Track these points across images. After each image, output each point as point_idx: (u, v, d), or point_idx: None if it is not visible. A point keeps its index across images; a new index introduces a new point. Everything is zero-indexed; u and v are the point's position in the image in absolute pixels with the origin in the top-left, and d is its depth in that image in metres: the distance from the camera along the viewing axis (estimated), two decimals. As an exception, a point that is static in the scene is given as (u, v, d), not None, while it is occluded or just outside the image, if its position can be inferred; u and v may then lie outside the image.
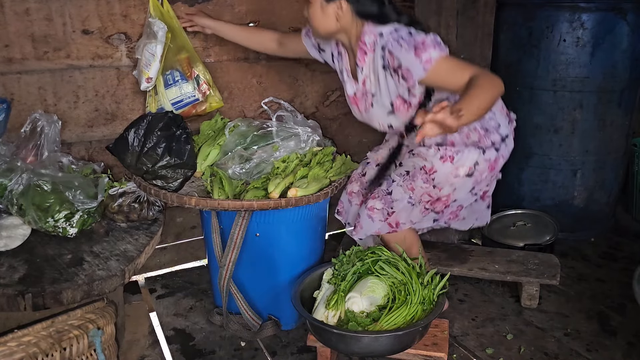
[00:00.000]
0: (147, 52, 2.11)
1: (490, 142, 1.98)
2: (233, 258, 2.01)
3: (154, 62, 2.12)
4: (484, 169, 1.98)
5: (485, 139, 1.97)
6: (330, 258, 2.10)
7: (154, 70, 2.14)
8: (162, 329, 2.21)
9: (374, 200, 1.98)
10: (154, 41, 2.10)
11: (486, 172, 1.98)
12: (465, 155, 1.95)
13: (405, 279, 1.91)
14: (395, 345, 1.81)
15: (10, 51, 2.06)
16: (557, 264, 2.43)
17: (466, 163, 1.95)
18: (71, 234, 1.87)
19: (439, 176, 1.96)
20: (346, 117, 2.81)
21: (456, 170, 1.96)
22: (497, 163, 2.00)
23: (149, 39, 2.11)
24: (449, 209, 2.05)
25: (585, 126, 2.77)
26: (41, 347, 1.33)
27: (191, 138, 2.06)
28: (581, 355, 2.08)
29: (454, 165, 1.95)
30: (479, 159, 1.96)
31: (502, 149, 2.00)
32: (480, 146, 1.96)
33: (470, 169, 1.96)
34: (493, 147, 1.98)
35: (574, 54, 2.66)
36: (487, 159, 1.97)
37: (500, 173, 2.09)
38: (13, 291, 1.56)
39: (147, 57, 2.11)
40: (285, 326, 2.20)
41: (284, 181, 1.95)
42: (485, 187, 2.06)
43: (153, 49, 2.10)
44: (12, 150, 2.00)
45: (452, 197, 2.01)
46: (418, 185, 1.97)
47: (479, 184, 2.01)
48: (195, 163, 2.05)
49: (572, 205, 2.91)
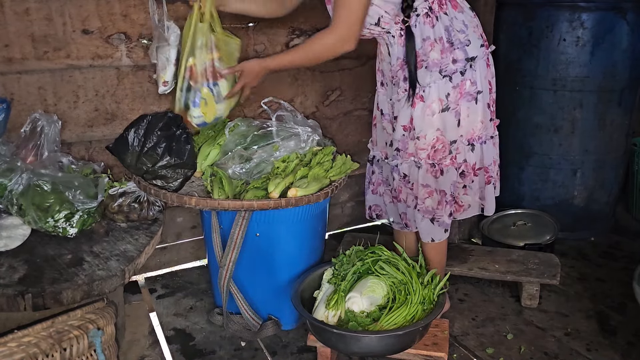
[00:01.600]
0: (162, 57, 2.13)
1: (452, 60, 1.89)
2: (233, 258, 2.01)
3: (169, 66, 2.13)
4: (456, 96, 1.92)
5: (447, 55, 1.89)
6: (330, 258, 2.11)
7: (169, 74, 2.15)
8: (162, 329, 2.21)
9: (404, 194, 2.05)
10: (167, 45, 2.11)
11: (459, 99, 1.92)
12: (433, 90, 1.90)
13: (405, 278, 1.91)
14: (395, 345, 1.82)
15: (10, 51, 2.05)
16: (557, 263, 2.43)
17: (435, 97, 1.90)
18: (71, 234, 1.87)
19: (417, 122, 1.93)
20: (346, 117, 2.81)
21: (429, 109, 1.91)
22: (464, 86, 1.91)
23: (160, 42, 2.11)
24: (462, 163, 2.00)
25: (585, 126, 2.77)
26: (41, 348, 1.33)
27: (191, 138, 2.06)
28: (581, 355, 2.08)
29: (426, 104, 1.91)
30: (448, 89, 1.91)
31: (468, 72, 1.91)
32: (445, 74, 1.89)
33: (442, 101, 1.91)
34: (458, 71, 1.90)
35: (574, 53, 2.66)
36: (454, 86, 1.91)
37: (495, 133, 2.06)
38: (13, 291, 1.56)
39: (163, 61, 2.13)
40: (285, 326, 2.20)
41: (284, 181, 1.95)
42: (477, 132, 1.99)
43: (167, 52, 2.12)
44: (12, 150, 1.99)
45: (446, 139, 1.95)
46: (410, 147, 1.98)
47: (463, 117, 1.94)
48: (195, 163, 2.05)
49: (572, 204, 2.91)
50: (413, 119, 1.93)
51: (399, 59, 1.93)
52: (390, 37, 1.93)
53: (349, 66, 2.73)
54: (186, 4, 2.26)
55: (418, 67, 1.89)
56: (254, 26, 2.43)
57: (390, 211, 2.22)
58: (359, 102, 2.83)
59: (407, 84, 1.92)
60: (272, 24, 2.46)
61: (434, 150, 1.96)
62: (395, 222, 2.20)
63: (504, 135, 2.90)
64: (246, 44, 2.45)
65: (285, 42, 2.54)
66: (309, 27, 2.54)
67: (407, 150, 1.99)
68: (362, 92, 2.83)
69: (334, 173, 2.07)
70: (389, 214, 2.23)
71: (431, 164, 1.98)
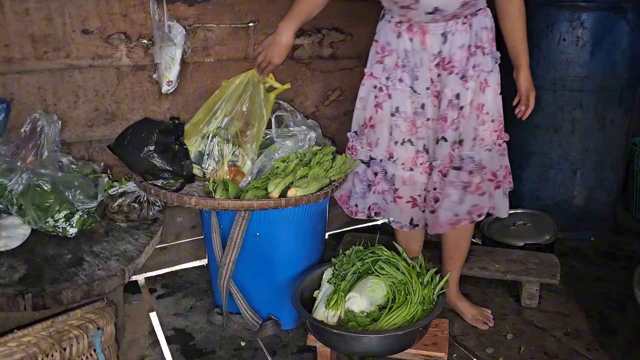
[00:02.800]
0: (166, 56, 2.15)
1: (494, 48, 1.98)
2: (233, 258, 2.01)
3: (174, 66, 2.16)
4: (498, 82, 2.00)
5: (492, 44, 1.97)
6: (330, 258, 2.10)
7: (174, 74, 2.18)
8: (162, 329, 2.21)
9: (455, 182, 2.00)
10: (173, 44, 2.12)
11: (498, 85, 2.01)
12: (494, 74, 1.97)
13: (405, 278, 1.91)
14: (395, 345, 1.82)
15: (10, 51, 2.05)
16: (557, 263, 2.43)
17: (494, 81, 1.97)
18: (71, 233, 1.87)
19: (490, 106, 1.97)
20: (346, 117, 2.81)
21: (494, 92, 1.97)
22: (498, 75, 2.00)
23: (165, 42, 2.13)
24: None
25: (585, 125, 2.77)
26: (41, 347, 1.33)
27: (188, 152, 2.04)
28: (581, 355, 2.08)
29: (491, 88, 1.96)
30: (498, 76, 1.99)
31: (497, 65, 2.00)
32: (494, 56, 1.97)
33: (498, 85, 1.99)
34: (497, 61, 2.00)
35: (574, 53, 2.66)
36: (497, 72, 1.99)
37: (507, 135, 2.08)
38: (13, 291, 1.56)
39: (167, 60, 2.15)
40: (285, 326, 2.20)
41: (283, 181, 1.95)
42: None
43: (172, 52, 2.14)
44: (12, 150, 2.00)
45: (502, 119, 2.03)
46: (483, 133, 1.98)
47: None
48: (193, 175, 2.04)
49: (572, 204, 2.91)
50: (485, 104, 1.96)
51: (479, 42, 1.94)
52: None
53: (349, 66, 2.73)
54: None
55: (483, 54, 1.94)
56: (254, 26, 2.43)
57: (391, 210, 2.16)
58: (359, 102, 2.83)
59: (481, 69, 1.94)
60: (272, 24, 2.46)
61: (501, 131, 2.02)
62: (396, 221, 2.18)
63: (504, 135, 2.91)
64: (246, 44, 2.45)
65: (285, 42, 2.53)
66: (309, 26, 2.54)
67: (480, 137, 1.98)
68: (362, 92, 2.83)
69: (334, 173, 2.07)
70: (389, 213, 2.20)
71: (499, 144, 2.03)
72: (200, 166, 2.02)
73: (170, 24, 2.14)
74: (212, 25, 2.35)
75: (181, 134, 2.03)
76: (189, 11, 2.27)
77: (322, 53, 2.65)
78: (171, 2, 2.21)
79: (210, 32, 2.35)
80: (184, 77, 2.33)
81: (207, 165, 2.02)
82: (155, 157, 1.93)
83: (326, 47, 2.65)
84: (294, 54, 2.58)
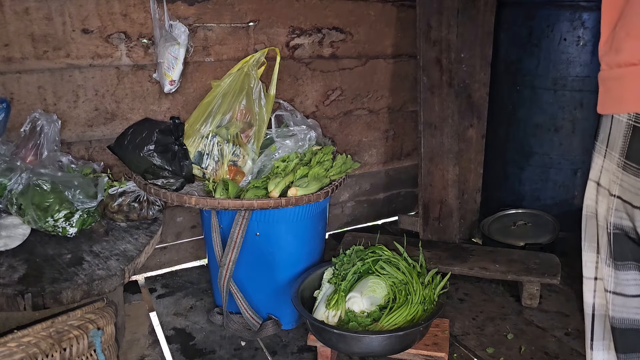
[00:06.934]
0: (169, 56, 2.15)
1: None
2: (233, 257, 2.01)
3: (177, 65, 2.16)
4: None
5: None
6: (330, 257, 2.10)
7: (177, 73, 2.19)
8: (162, 329, 2.21)
9: None
10: (176, 44, 2.13)
11: None
12: None
13: (405, 278, 1.91)
14: (395, 345, 1.81)
15: (10, 50, 2.05)
16: (557, 263, 2.43)
17: None
18: (71, 233, 1.86)
19: None
20: (346, 117, 2.81)
21: None
22: None
23: (168, 42, 2.12)
24: None
25: (585, 125, 2.77)
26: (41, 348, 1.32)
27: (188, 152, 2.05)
28: (582, 355, 2.08)
29: None
30: None
31: None
32: None
33: None
34: None
35: (575, 53, 2.66)
36: None
37: None
38: (13, 291, 1.56)
39: (170, 60, 2.15)
40: (285, 326, 2.20)
41: (284, 180, 1.94)
42: None
43: (176, 51, 2.14)
44: (12, 149, 1.99)
45: None
46: None
47: None
48: (192, 176, 2.04)
49: (573, 204, 2.90)
50: None
51: None
52: None
53: (349, 66, 2.73)
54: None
55: None
56: (254, 25, 2.43)
57: None
58: (359, 102, 2.83)
59: None
60: (272, 23, 2.46)
61: None
62: None
63: (505, 135, 2.91)
64: (246, 44, 2.45)
65: (285, 41, 2.54)
66: (310, 26, 2.54)
67: None
68: (363, 92, 2.83)
69: (334, 172, 2.07)
70: None
71: None
72: (200, 166, 2.02)
73: (173, 23, 2.15)
74: (212, 24, 2.35)
75: (181, 134, 2.03)
76: (189, 11, 2.27)
77: (323, 53, 2.65)
78: (171, 2, 2.20)
79: (211, 32, 2.35)
80: (184, 77, 2.33)
81: (207, 165, 2.02)
82: (155, 156, 1.94)
83: (326, 46, 2.65)
84: (294, 54, 2.58)
